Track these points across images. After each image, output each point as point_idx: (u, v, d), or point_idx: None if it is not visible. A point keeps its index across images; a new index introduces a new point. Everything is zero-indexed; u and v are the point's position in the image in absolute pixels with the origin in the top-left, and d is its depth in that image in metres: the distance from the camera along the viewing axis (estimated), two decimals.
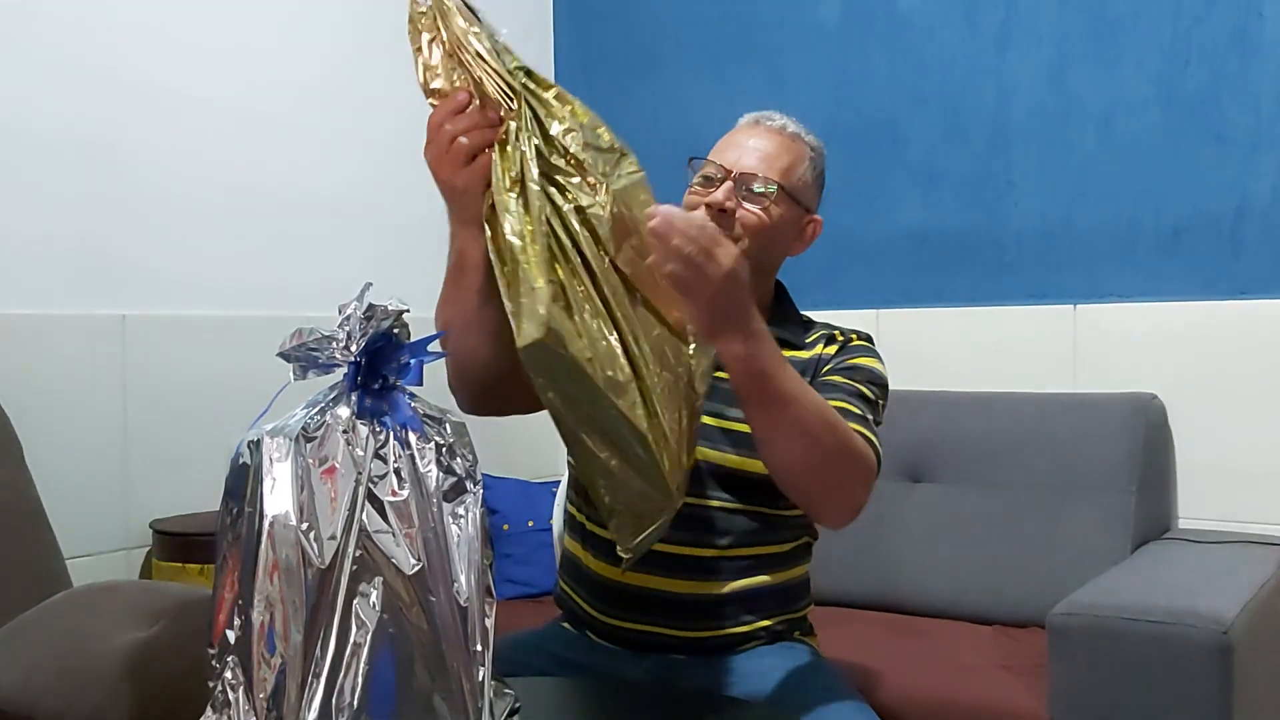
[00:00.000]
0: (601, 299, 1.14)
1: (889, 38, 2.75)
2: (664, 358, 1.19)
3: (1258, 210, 2.32)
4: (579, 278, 1.13)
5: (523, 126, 1.16)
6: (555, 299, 1.09)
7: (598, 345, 1.11)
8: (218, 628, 0.91)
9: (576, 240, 1.13)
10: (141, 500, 2.24)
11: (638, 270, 1.17)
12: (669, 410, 1.18)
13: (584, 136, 1.17)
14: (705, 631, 1.49)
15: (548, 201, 1.14)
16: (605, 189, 1.16)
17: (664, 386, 1.17)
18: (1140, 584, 1.88)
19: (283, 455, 0.91)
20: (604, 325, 1.13)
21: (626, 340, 1.14)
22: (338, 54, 2.70)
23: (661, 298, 1.20)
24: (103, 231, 2.23)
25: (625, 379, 1.13)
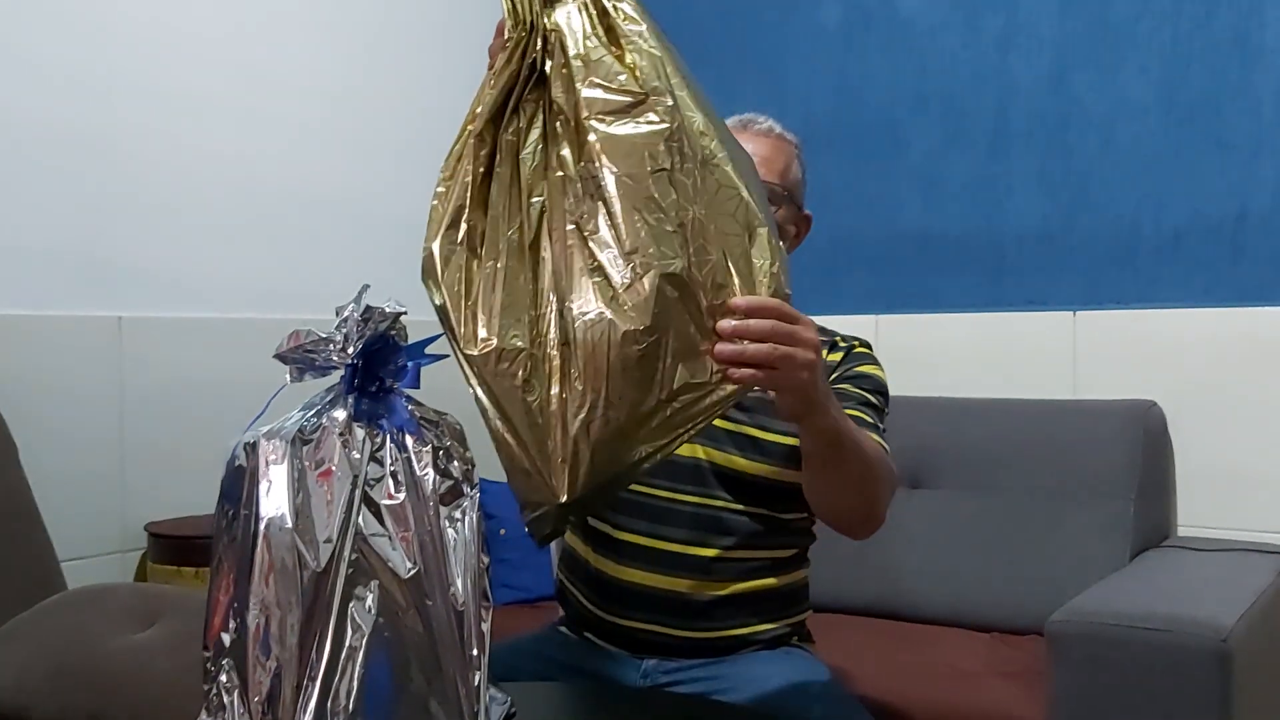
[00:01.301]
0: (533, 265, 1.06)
1: (890, 40, 2.75)
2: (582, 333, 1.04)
3: (1258, 216, 2.32)
4: (510, 228, 1.07)
5: (509, 59, 1.11)
6: (451, 233, 1.06)
7: (488, 297, 1.05)
8: (213, 631, 0.91)
9: (518, 189, 1.08)
10: (137, 503, 2.23)
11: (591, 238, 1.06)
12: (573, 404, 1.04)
13: (589, 73, 1.08)
14: (704, 632, 1.48)
15: (487, 140, 1.10)
16: (580, 137, 1.07)
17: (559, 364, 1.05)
18: (1139, 591, 1.88)
19: (279, 458, 0.91)
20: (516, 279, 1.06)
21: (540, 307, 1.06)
22: (337, 55, 2.70)
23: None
24: (99, 233, 2.23)
25: (507, 349, 1.04)
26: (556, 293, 1.05)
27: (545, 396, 1.04)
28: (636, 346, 1.02)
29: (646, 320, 1.02)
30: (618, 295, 1.03)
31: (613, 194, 1.05)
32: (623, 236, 1.04)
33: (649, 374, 1.03)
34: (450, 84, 2.98)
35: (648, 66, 1.08)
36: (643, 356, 1.02)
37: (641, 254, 1.04)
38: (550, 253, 1.06)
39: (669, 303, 1.03)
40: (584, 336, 1.02)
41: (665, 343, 1.04)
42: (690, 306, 1.05)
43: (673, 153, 1.06)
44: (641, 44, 1.10)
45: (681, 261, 1.04)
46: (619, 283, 1.03)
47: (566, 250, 1.05)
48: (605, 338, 1.02)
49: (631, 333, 1.02)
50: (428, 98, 2.90)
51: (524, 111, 1.10)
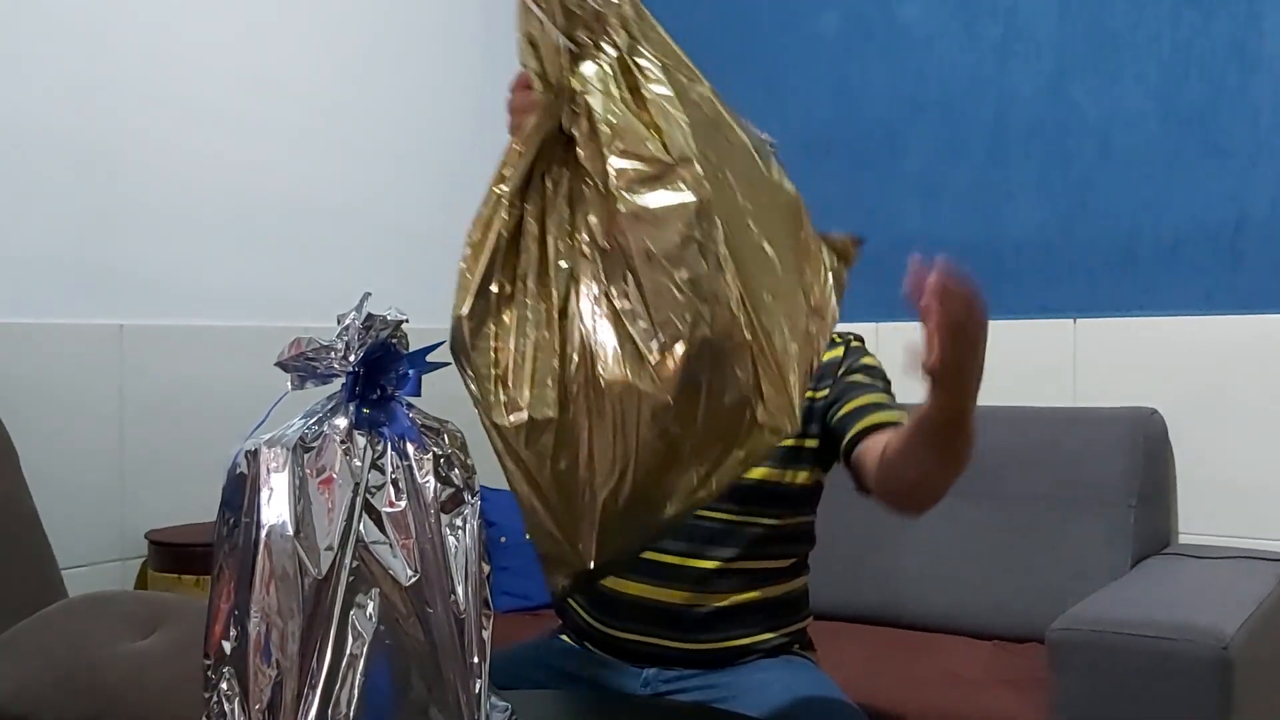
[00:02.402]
0: (561, 319, 1.05)
1: (888, 48, 2.75)
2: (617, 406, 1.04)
3: (1257, 223, 2.32)
4: (539, 295, 1.06)
5: (539, 123, 1.10)
6: (481, 300, 1.06)
7: (519, 357, 1.05)
8: (213, 638, 0.91)
9: (552, 258, 1.06)
10: (137, 510, 2.23)
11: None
12: (603, 467, 1.04)
13: (618, 142, 1.06)
14: (704, 644, 1.48)
15: (517, 205, 1.09)
16: (609, 206, 1.05)
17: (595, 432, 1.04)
18: (1140, 599, 1.88)
19: (280, 465, 0.91)
20: (545, 340, 1.05)
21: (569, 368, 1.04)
22: (337, 63, 2.70)
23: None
24: (100, 241, 2.23)
25: (537, 419, 1.03)
26: (586, 363, 1.03)
27: (574, 466, 1.03)
28: (665, 418, 1.02)
29: (675, 393, 1.01)
30: (647, 367, 1.02)
31: (641, 265, 1.03)
32: (651, 308, 1.02)
33: (677, 445, 1.03)
34: (450, 91, 2.98)
35: (675, 132, 1.06)
36: (674, 428, 1.02)
37: (671, 326, 1.01)
38: (579, 322, 1.04)
39: (699, 374, 1.02)
40: (613, 409, 1.02)
41: (694, 414, 1.02)
42: (719, 375, 1.03)
43: (702, 222, 1.03)
44: (669, 108, 1.08)
45: (714, 328, 1.02)
46: (648, 355, 1.02)
47: (596, 320, 1.04)
48: (635, 410, 1.01)
49: (661, 406, 1.01)
50: (428, 105, 2.91)
51: (552, 176, 1.09)
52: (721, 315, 1.03)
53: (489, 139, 3.32)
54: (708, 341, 1.02)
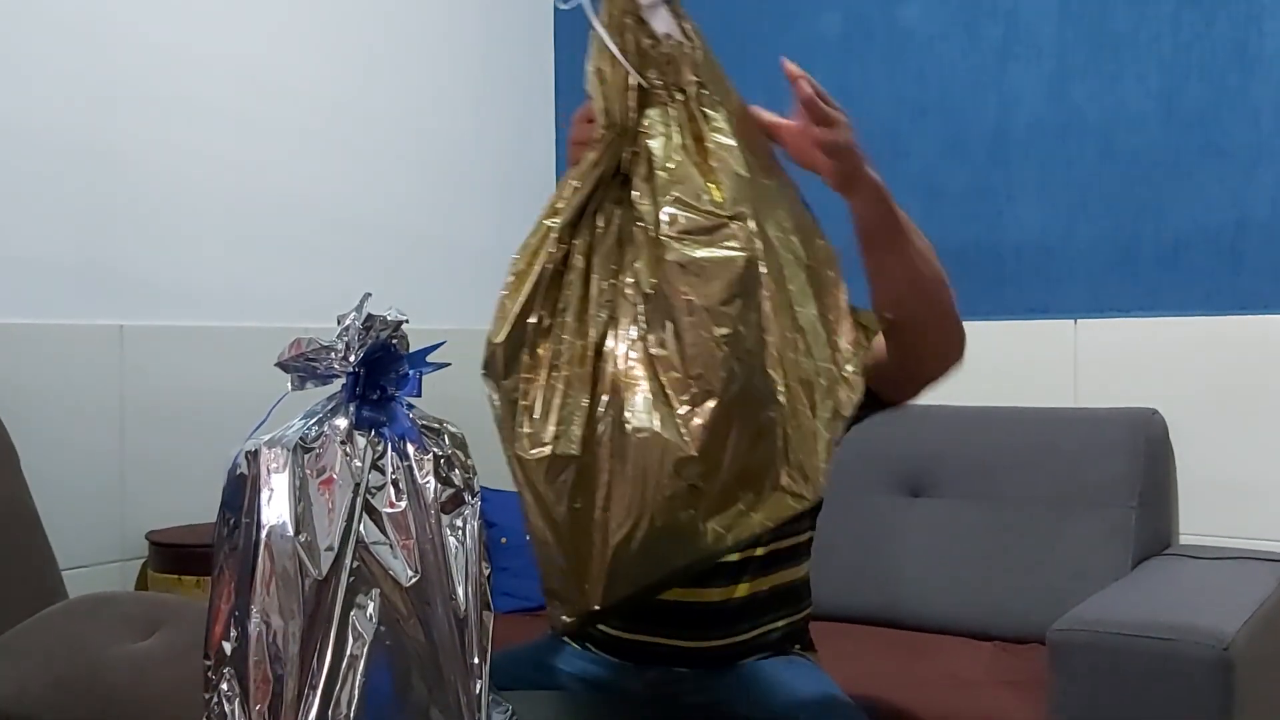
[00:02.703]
0: (594, 371, 1.04)
1: (889, 50, 2.75)
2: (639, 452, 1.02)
3: (1258, 225, 2.32)
4: (573, 336, 1.05)
5: (598, 159, 1.10)
6: (518, 330, 1.05)
7: (548, 396, 1.04)
8: (214, 639, 0.91)
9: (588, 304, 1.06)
10: (138, 511, 2.23)
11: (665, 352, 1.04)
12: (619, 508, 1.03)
13: (674, 189, 1.06)
14: (707, 641, 1.48)
15: (565, 240, 1.08)
16: (658, 252, 1.04)
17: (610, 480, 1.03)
18: (1141, 600, 1.87)
19: (280, 466, 0.91)
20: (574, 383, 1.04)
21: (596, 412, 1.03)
22: (339, 64, 2.70)
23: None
24: (101, 241, 2.23)
25: (559, 455, 1.03)
26: (614, 405, 1.03)
27: (590, 506, 1.03)
28: (687, 471, 1.01)
29: (701, 448, 1.00)
30: (675, 418, 1.01)
31: (683, 315, 1.02)
32: (687, 358, 1.01)
33: (697, 499, 1.01)
34: (451, 92, 2.99)
35: (733, 187, 1.06)
36: (696, 481, 1.01)
37: (704, 380, 1.01)
38: (614, 364, 1.04)
39: (727, 432, 1.01)
40: (636, 455, 1.01)
41: (718, 471, 1.01)
42: (747, 435, 1.02)
43: (748, 280, 1.03)
44: (729, 160, 1.08)
45: (748, 386, 1.02)
46: (678, 406, 1.01)
47: (629, 364, 1.03)
48: (658, 460, 1.00)
49: (685, 459, 1.00)
50: (429, 107, 2.91)
51: (604, 214, 1.09)
52: (756, 376, 1.03)
53: (489, 140, 3.34)
54: (740, 400, 1.01)
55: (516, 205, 3.16)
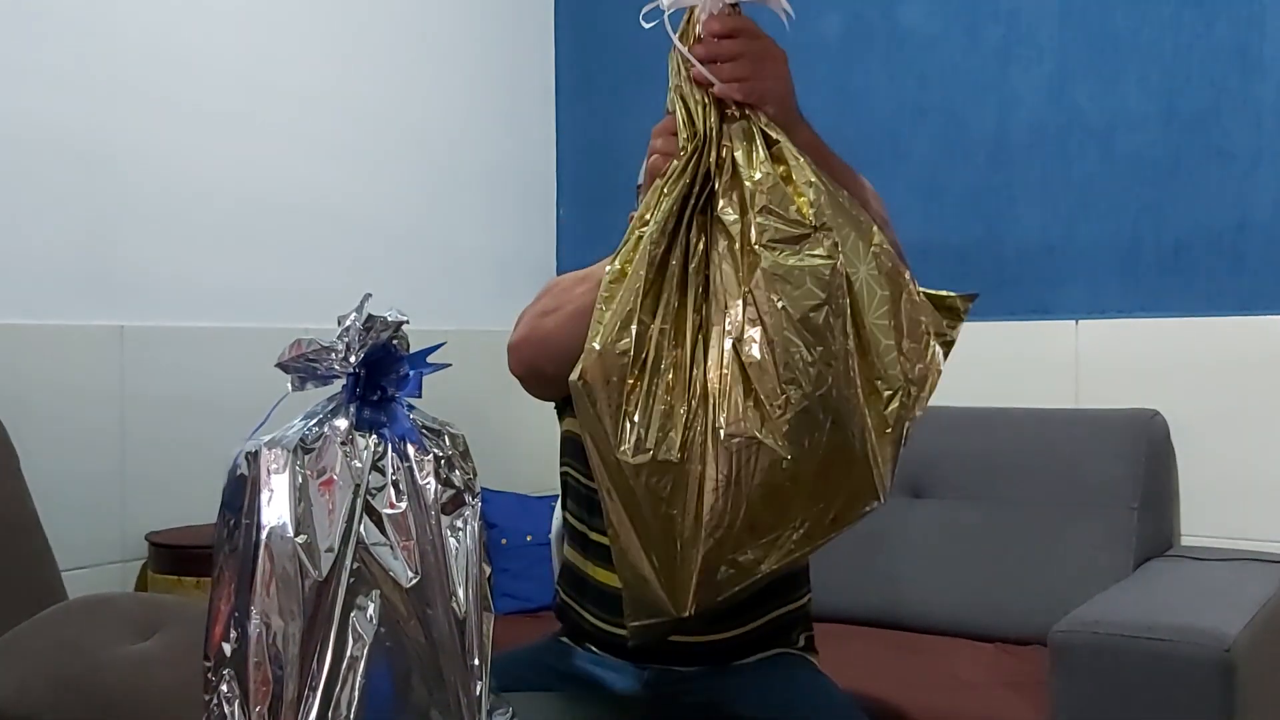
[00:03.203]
0: (689, 376, 1.07)
1: (890, 51, 2.75)
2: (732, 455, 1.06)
3: (1259, 226, 2.32)
4: (676, 344, 1.08)
5: (683, 169, 1.12)
6: (620, 336, 1.06)
7: (648, 414, 1.06)
8: (214, 640, 0.90)
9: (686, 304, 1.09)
10: (137, 512, 2.23)
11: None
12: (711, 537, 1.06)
13: (763, 199, 1.09)
14: (708, 635, 1.47)
15: (660, 246, 1.09)
16: (748, 261, 1.07)
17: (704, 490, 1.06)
18: (1142, 601, 1.87)
19: (280, 467, 0.90)
20: (676, 397, 1.06)
21: (693, 423, 1.06)
22: (339, 64, 2.71)
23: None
24: (101, 242, 2.23)
25: (660, 461, 1.05)
26: (709, 411, 1.05)
27: (684, 512, 1.05)
28: (779, 474, 1.04)
29: (795, 450, 1.04)
30: (769, 421, 1.04)
31: (773, 320, 1.05)
32: (779, 364, 1.05)
33: (789, 501, 1.06)
34: (453, 94, 2.99)
35: (816, 199, 1.10)
36: (783, 484, 1.04)
37: (797, 384, 1.04)
38: (708, 370, 1.07)
39: (816, 434, 1.05)
40: (731, 459, 1.04)
41: (806, 473, 1.05)
42: (832, 438, 1.06)
43: (835, 289, 1.07)
44: (810, 175, 1.12)
45: (833, 393, 1.05)
46: (771, 409, 1.04)
47: (723, 370, 1.06)
48: (752, 462, 1.03)
49: (779, 461, 1.03)
50: (430, 108, 2.91)
51: (695, 224, 1.11)
52: (841, 381, 1.06)
53: (490, 141, 3.34)
54: (827, 405, 1.05)
55: (517, 205, 3.16)
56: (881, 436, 1.10)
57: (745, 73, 1.15)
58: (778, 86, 1.19)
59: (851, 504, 1.10)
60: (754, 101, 1.16)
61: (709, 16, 1.16)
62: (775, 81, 1.19)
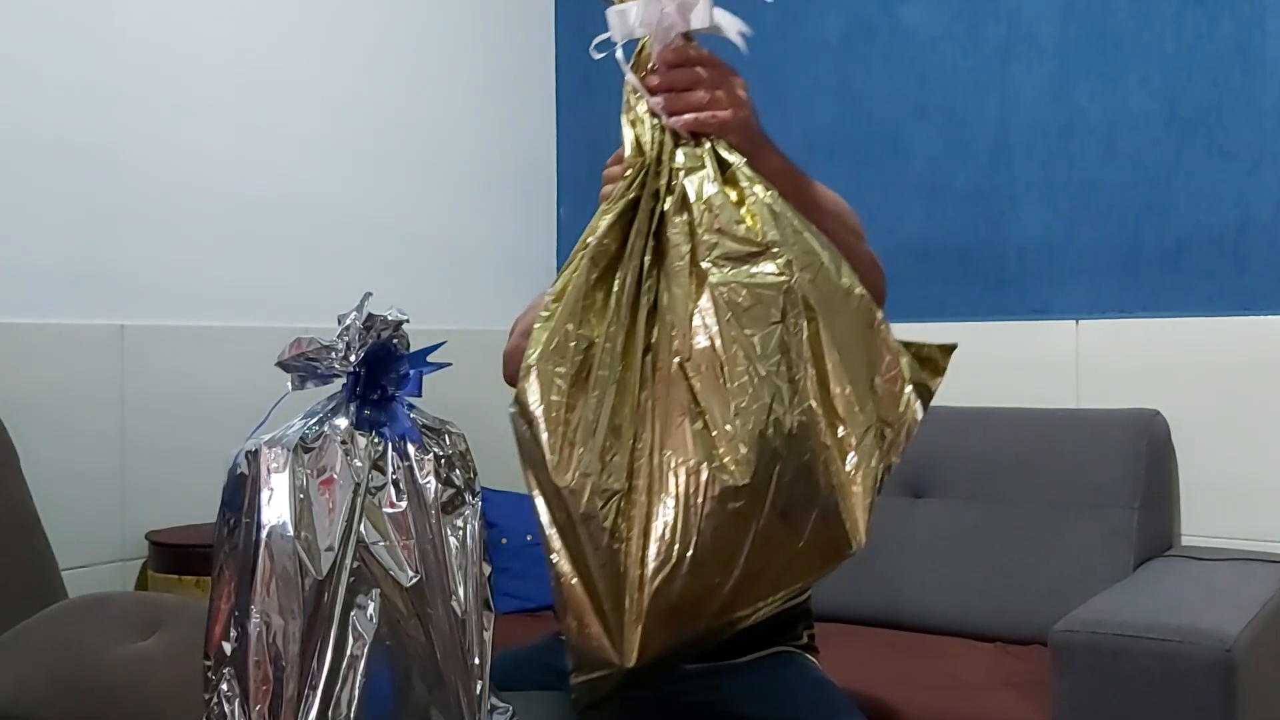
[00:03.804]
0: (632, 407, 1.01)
1: (891, 51, 2.75)
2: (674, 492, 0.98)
3: (1261, 226, 2.32)
4: (619, 373, 1.02)
5: (627, 187, 1.08)
6: (557, 356, 1.00)
7: (589, 437, 0.99)
8: (214, 639, 0.91)
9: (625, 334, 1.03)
10: (137, 511, 2.23)
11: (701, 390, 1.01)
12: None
13: (711, 219, 1.04)
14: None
15: (600, 265, 1.05)
16: (696, 280, 1.02)
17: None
18: (1143, 601, 1.87)
19: (280, 466, 0.91)
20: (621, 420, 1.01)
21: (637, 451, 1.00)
22: (339, 64, 2.70)
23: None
24: (101, 241, 2.23)
25: (604, 489, 0.98)
26: (655, 436, 1.00)
27: (628, 546, 0.98)
28: (733, 504, 0.97)
29: (747, 477, 0.97)
30: (719, 448, 0.97)
31: (724, 341, 1.00)
32: (730, 386, 0.99)
33: (742, 534, 0.98)
34: (452, 92, 2.98)
35: (767, 218, 1.05)
36: (738, 515, 0.97)
37: (748, 408, 0.98)
38: (654, 394, 1.01)
39: (773, 463, 0.98)
40: (679, 487, 0.97)
41: (762, 503, 0.98)
42: (793, 470, 0.99)
43: (789, 309, 1.02)
44: (765, 197, 1.07)
45: (790, 419, 0.99)
46: (721, 434, 0.98)
47: (670, 394, 1.00)
48: (703, 491, 0.97)
49: (730, 489, 0.97)
50: (431, 106, 2.91)
51: (641, 244, 1.06)
52: (800, 409, 1.00)
53: (491, 139, 3.34)
54: (784, 430, 0.99)
55: (518, 205, 3.16)
56: (855, 474, 1.03)
57: (699, 103, 1.11)
58: (737, 114, 1.13)
59: (822, 549, 1.03)
60: (711, 132, 1.11)
61: (662, 47, 1.11)
62: (734, 109, 1.13)
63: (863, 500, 1.02)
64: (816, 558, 1.03)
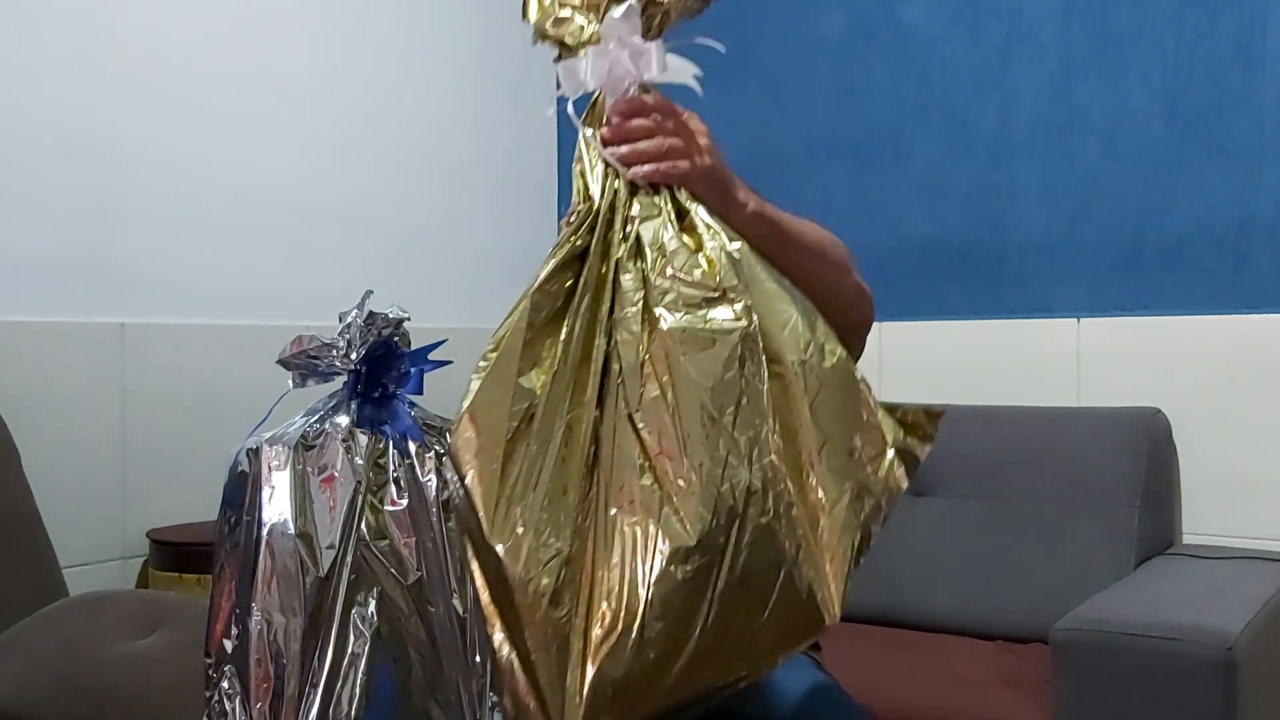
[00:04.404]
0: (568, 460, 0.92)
1: (892, 50, 2.75)
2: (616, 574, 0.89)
3: (1262, 224, 2.32)
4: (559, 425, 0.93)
5: (575, 234, 1.00)
6: (497, 405, 0.91)
7: (526, 492, 0.90)
8: (215, 637, 0.91)
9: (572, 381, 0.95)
10: (138, 509, 2.23)
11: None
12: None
13: (665, 265, 0.97)
14: None
15: (544, 311, 0.96)
16: (648, 327, 0.95)
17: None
18: (1144, 599, 1.87)
19: (281, 463, 0.91)
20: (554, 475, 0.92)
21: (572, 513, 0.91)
22: (339, 61, 2.70)
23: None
24: (102, 239, 2.23)
25: (544, 549, 0.89)
26: (602, 493, 0.91)
27: (571, 614, 0.89)
28: (685, 567, 0.88)
29: (699, 537, 0.88)
30: (670, 504, 0.89)
31: (676, 390, 0.92)
32: (683, 438, 0.91)
33: (696, 602, 0.88)
34: (452, 90, 2.98)
35: (725, 264, 0.98)
36: (691, 580, 0.88)
37: (702, 461, 0.90)
38: (601, 448, 0.93)
39: (729, 520, 0.89)
40: (625, 548, 0.89)
41: (718, 566, 0.89)
42: (754, 533, 0.90)
43: (748, 356, 0.94)
44: (726, 245, 0.99)
45: (749, 475, 0.91)
46: (673, 490, 0.90)
47: (619, 447, 0.92)
48: (650, 553, 0.88)
49: (680, 550, 0.88)
50: (431, 104, 2.91)
51: (590, 293, 0.98)
52: (763, 465, 0.92)
53: (491, 137, 3.33)
54: (743, 488, 0.91)
55: (518, 203, 3.16)
56: (828, 541, 0.95)
57: (657, 153, 1.03)
58: (697, 164, 1.05)
59: (789, 622, 0.94)
60: (671, 183, 1.04)
61: (615, 99, 1.05)
62: (693, 158, 1.05)
63: (838, 571, 0.95)
64: (783, 632, 0.94)
